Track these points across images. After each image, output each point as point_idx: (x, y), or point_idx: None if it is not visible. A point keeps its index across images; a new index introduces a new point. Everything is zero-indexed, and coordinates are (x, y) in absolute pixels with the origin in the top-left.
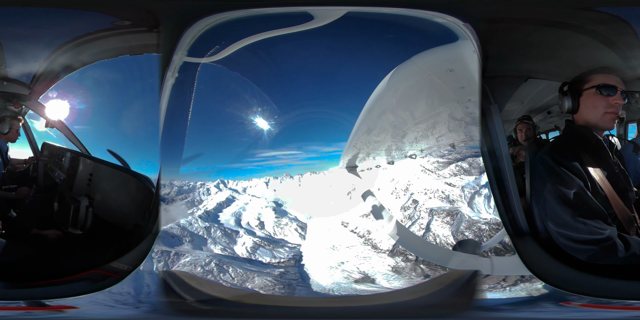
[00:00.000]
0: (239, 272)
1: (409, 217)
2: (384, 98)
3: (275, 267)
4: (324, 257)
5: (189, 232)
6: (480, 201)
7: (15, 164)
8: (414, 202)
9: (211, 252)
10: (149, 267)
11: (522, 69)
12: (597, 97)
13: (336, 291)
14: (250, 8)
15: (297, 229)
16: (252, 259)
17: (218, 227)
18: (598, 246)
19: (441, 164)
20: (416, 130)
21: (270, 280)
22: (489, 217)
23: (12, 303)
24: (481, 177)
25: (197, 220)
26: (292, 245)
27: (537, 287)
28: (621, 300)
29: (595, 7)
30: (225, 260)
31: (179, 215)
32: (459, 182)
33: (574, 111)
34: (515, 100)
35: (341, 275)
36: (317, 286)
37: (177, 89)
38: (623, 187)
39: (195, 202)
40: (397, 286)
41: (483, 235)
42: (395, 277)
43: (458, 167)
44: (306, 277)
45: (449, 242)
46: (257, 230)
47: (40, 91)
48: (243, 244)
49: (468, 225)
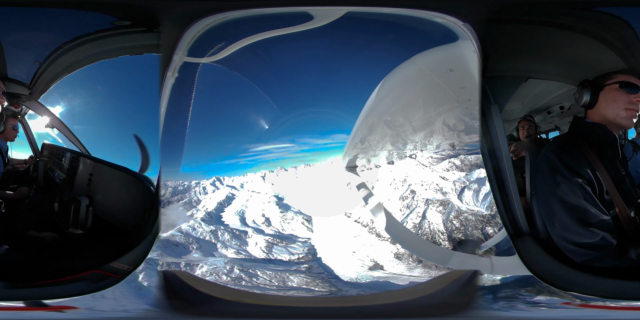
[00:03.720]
0: (270, 274)
1: (407, 206)
2: (384, 98)
3: (297, 264)
4: (338, 248)
5: (194, 238)
6: (469, 195)
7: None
8: (412, 192)
9: (225, 257)
10: (149, 267)
11: (522, 69)
12: (620, 92)
13: (366, 279)
14: (250, 8)
15: (303, 223)
16: (271, 258)
17: (225, 230)
18: (596, 251)
19: (435, 159)
20: (416, 130)
21: (305, 276)
22: (475, 209)
23: (12, 303)
24: (471, 173)
25: (201, 224)
26: (303, 240)
27: (537, 287)
28: (621, 300)
29: (595, 7)
30: (247, 264)
31: (179, 219)
32: (451, 177)
33: (591, 106)
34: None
35: (356, 264)
36: (346, 277)
37: (177, 89)
38: (627, 189)
39: (193, 203)
40: (414, 273)
41: (469, 225)
42: (412, 262)
43: (451, 163)
44: (330, 270)
45: (439, 229)
46: (265, 228)
47: (40, 91)
48: (255, 244)
49: (456, 215)
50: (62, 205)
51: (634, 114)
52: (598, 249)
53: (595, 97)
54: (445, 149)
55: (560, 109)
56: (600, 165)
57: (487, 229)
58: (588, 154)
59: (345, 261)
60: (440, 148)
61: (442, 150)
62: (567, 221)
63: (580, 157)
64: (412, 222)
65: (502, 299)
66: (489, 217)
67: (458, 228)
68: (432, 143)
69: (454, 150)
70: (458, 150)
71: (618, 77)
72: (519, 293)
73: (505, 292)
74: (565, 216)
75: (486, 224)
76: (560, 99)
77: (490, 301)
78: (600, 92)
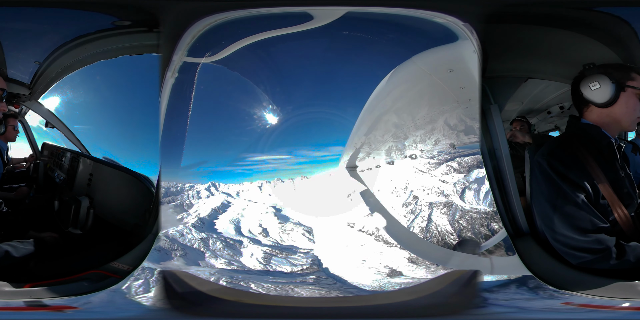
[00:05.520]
0: (269, 287)
1: (411, 211)
2: (384, 98)
3: (302, 275)
4: (344, 257)
5: (180, 244)
6: (471, 195)
7: (15, 164)
8: (414, 198)
9: (213, 267)
10: (149, 267)
11: (522, 69)
12: (637, 101)
13: (376, 287)
14: (250, 8)
15: (304, 234)
16: (269, 270)
17: (218, 238)
18: (591, 254)
19: (433, 164)
20: (416, 131)
21: (313, 288)
22: (479, 207)
23: (12, 303)
24: (470, 174)
25: (191, 230)
26: (305, 250)
27: (537, 287)
28: (621, 300)
29: (595, 7)
30: (240, 277)
31: (167, 222)
32: (450, 180)
33: (609, 104)
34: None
35: (370, 272)
36: (357, 284)
37: (177, 89)
38: (627, 192)
39: (185, 206)
40: (415, 273)
41: (475, 223)
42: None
43: (449, 166)
44: (340, 279)
45: (447, 230)
46: (262, 238)
47: (40, 91)
48: (251, 254)
49: (461, 215)
50: (62, 205)
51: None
52: (593, 252)
53: (617, 96)
54: (442, 152)
55: (560, 109)
56: (596, 168)
57: (492, 226)
58: (583, 157)
59: (357, 269)
60: (439, 149)
61: (439, 154)
62: (560, 226)
63: (572, 162)
64: (419, 227)
65: (502, 299)
66: (493, 214)
67: (465, 227)
68: (432, 143)
69: (450, 154)
70: (454, 153)
71: (637, 78)
72: (519, 293)
73: (505, 292)
74: (558, 221)
75: (491, 220)
76: (560, 99)
77: (490, 301)
78: (622, 92)
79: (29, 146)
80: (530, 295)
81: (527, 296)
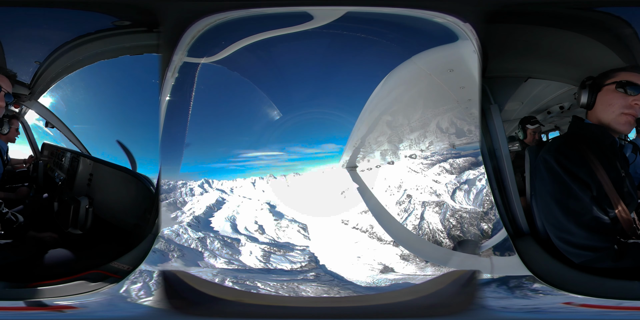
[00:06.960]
0: (272, 285)
1: (405, 209)
2: (384, 98)
3: (302, 272)
4: (339, 254)
5: (178, 245)
6: (461, 195)
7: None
8: (408, 196)
9: (213, 267)
10: (149, 267)
11: (522, 69)
12: (616, 95)
13: (370, 283)
14: (250, 8)
15: (299, 231)
16: (270, 268)
17: (215, 237)
18: (594, 252)
19: (426, 165)
20: (416, 131)
21: (315, 286)
22: (468, 208)
23: (12, 303)
24: (461, 175)
25: (187, 229)
26: (301, 248)
27: (537, 287)
28: (621, 300)
29: (595, 7)
30: (242, 276)
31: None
32: (443, 180)
33: (589, 107)
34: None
35: (365, 269)
36: (354, 281)
37: (177, 89)
38: (627, 191)
39: (178, 204)
40: (415, 273)
41: (464, 222)
42: (419, 262)
43: (441, 167)
44: (338, 276)
45: (438, 228)
46: (259, 236)
47: (40, 91)
48: (250, 253)
49: (452, 214)
50: (62, 205)
51: (631, 119)
52: (595, 250)
53: (593, 98)
54: (438, 153)
55: (560, 109)
56: (599, 167)
57: (482, 225)
58: (586, 155)
59: (353, 266)
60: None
61: (435, 155)
62: (564, 223)
63: (578, 159)
64: (412, 224)
65: (502, 299)
66: (482, 214)
67: (455, 226)
68: (429, 144)
69: (444, 155)
70: (450, 154)
71: (618, 75)
72: (519, 293)
73: (505, 292)
74: (562, 218)
75: (480, 220)
76: (560, 99)
77: (490, 301)
78: (598, 93)
79: (29, 146)
80: (530, 295)
81: (527, 296)
